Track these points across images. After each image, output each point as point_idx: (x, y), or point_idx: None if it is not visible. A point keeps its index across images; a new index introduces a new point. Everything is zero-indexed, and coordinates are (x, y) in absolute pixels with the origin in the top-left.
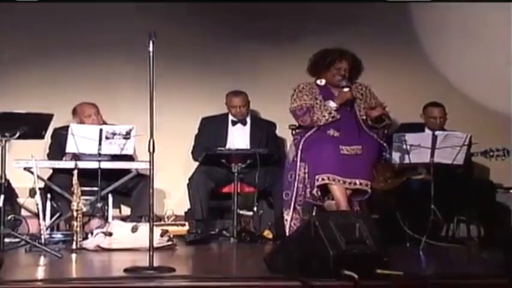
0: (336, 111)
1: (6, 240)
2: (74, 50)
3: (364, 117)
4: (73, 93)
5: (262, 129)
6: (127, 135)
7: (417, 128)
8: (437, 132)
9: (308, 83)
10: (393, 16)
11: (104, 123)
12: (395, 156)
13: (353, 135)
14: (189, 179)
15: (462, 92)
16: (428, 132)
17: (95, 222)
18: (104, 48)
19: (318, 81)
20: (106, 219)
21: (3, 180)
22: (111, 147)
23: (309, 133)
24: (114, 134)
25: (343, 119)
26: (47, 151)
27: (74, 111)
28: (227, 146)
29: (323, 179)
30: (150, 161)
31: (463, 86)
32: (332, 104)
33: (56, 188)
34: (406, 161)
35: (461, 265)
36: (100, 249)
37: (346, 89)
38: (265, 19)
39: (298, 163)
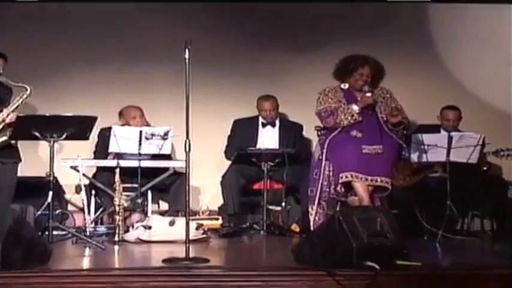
0: (358, 114)
1: (55, 232)
2: (117, 58)
3: (385, 118)
4: (117, 96)
5: (290, 131)
6: (165, 136)
7: (434, 129)
8: (452, 133)
9: (333, 87)
10: (412, 24)
11: (148, 125)
12: (414, 156)
13: (374, 135)
14: (222, 177)
15: (476, 95)
16: (444, 133)
17: (136, 216)
18: (144, 55)
19: (342, 85)
20: (146, 214)
21: (51, 178)
22: (150, 147)
23: (333, 134)
24: (153, 135)
25: (365, 121)
26: (94, 149)
27: (120, 113)
28: (257, 146)
29: (347, 177)
30: (186, 160)
31: (477, 90)
32: (355, 107)
33: (99, 185)
34: (424, 159)
35: (475, 257)
36: (140, 242)
37: (368, 94)
38: (293, 29)
39: (323, 162)
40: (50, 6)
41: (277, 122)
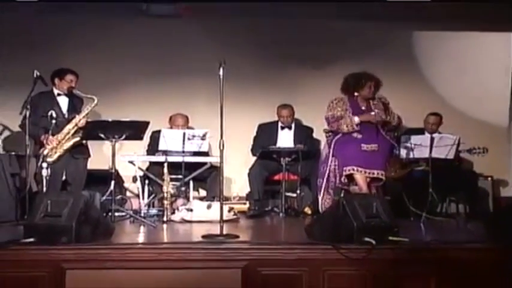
0: (357, 125)
1: (116, 214)
2: (166, 73)
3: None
4: (166, 104)
5: (303, 133)
6: (203, 137)
7: (419, 131)
8: (434, 135)
9: (341, 97)
10: (402, 48)
11: (190, 129)
12: (403, 153)
13: (372, 136)
14: (249, 170)
15: (452, 105)
16: (427, 134)
17: (180, 201)
18: (187, 70)
19: (355, 94)
20: (188, 199)
21: (113, 170)
22: (192, 146)
23: (338, 136)
24: (193, 136)
25: (366, 124)
26: (146, 148)
27: (170, 118)
28: (277, 145)
29: (349, 170)
30: (220, 156)
31: (453, 101)
32: (356, 119)
33: (151, 176)
34: (411, 156)
35: (452, 234)
36: (184, 221)
37: (372, 113)
38: (307, 50)
39: (330, 158)
40: (116, 30)
41: (292, 126)
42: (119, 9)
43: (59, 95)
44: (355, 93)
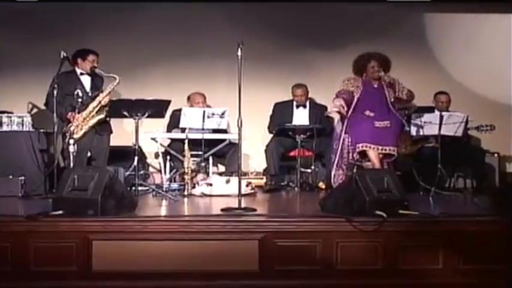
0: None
1: (139, 188)
2: (186, 54)
3: (393, 100)
4: (186, 84)
5: (317, 111)
6: (222, 115)
7: (429, 109)
8: (443, 113)
9: (355, 77)
10: (413, 29)
11: (209, 106)
12: (413, 130)
13: (384, 114)
14: (266, 146)
15: (461, 84)
16: (437, 112)
17: (200, 176)
18: (207, 52)
19: (363, 77)
20: (208, 174)
21: (137, 147)
22: (211, 123)
23: (351, 113)
24: (213, 114)
25: (377, 102)
26: (167, 125)
27: (188, 98)
28: (293, 123)
29: (362, 147)
30: (238, 133)
31: (462, 80)
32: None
33: (173, 152)
34: (421, 133)
35: (459, 207)
36: (204, 195)
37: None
38: (321, 33)
39: (343, 135)
40: (138, 14)
41: (307, 104)
42: None
43: (81, 74)
44: (364, 75)
